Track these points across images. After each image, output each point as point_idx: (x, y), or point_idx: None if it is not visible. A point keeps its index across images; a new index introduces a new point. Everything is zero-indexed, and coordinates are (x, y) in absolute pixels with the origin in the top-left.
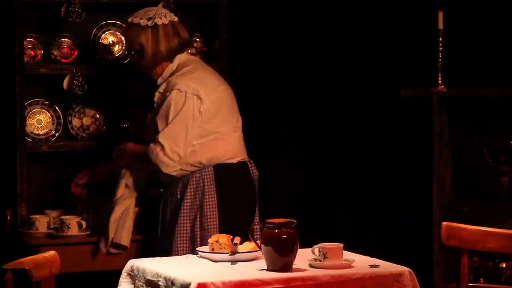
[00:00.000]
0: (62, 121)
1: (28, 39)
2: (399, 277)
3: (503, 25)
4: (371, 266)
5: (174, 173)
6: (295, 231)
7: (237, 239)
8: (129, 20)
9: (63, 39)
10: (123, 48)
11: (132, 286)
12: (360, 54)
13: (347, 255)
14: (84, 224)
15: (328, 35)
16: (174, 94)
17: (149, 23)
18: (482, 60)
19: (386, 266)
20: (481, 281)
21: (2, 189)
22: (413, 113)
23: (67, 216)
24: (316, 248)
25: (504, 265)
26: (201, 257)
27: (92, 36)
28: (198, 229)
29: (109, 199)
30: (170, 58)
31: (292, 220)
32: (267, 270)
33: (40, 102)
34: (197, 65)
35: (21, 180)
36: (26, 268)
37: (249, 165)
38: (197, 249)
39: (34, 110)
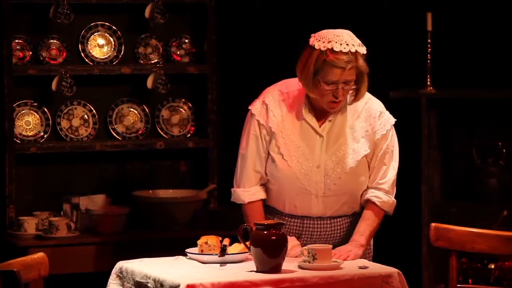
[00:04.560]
0: (50, 122)
1: (16, 41)
2: (388, 278)
3: (492, 27)
4: (360, 267)
5: None
6: (284, 233)
7: (226, 241)
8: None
9: (51, 41)
10: (112, 49)
11: (121, 287)
12: None
13: (337, 256)
14: (73, 225)
15: None
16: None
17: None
18: (470, 62)
19: (375, 268)
20: (470, 282)
21: None
22: (402, 114)
23: (56, 218)
24: (305, 249)
25: (492, 266)
26: (190, 258)
27: (80, 37)
28: None
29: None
30: None
31: (281, 221)
32: (256, 271)
33: (28, 104)
34: None
35: (10, 182)
36: (15, 270)
37: None
38: (186, 250)
39: (23, 111)
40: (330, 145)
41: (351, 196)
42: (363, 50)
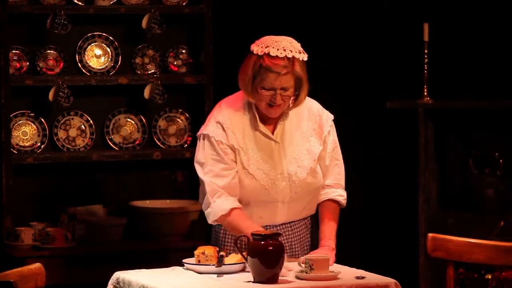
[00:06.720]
0: (47, 133)
1: (13, 51)
2: None
3: (489, 37)
4: (357, 277)
5: None
6: (281, 243)
7: (223, 251)
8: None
9: (48, 51)
10: (109, 60)
11: None
12: (345, 66)
13: (333, 266)
14: (70, 236)
15: (314, 47)
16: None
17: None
18: (467, 72)
19: (372, 278)
20: None
21: None
22: (399, 124)
23: (53, 228)
24: (302, 259)
25: (490, 277)
26: (187, 269)
27: (77, 47)
28: None
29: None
30: None
31: (278, 232)
32: (253, 282)
33: (25, 114)
34: None
35: (7, 192)
36: (12, 280)
37: None
38: (183, 261)
39: (20, 122)
40: (286, 149)
41: (312, 197)
42: (302, 56)
